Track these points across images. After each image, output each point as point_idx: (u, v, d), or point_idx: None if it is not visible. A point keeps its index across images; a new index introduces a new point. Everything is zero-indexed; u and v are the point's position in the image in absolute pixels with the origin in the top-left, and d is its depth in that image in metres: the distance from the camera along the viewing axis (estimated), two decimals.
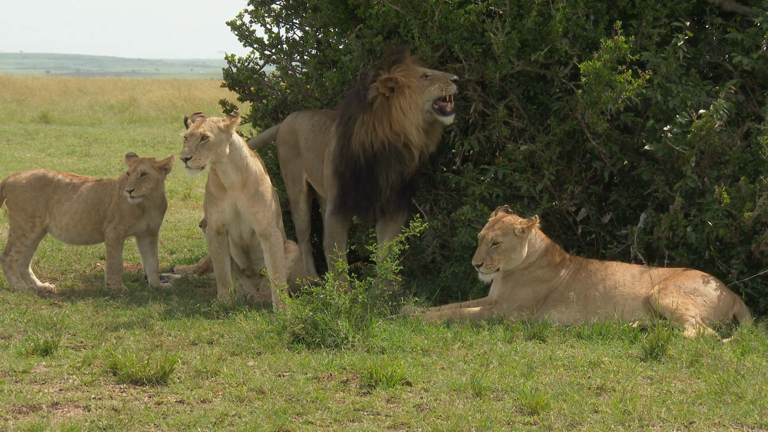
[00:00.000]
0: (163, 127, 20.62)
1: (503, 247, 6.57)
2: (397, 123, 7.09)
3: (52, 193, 7.41)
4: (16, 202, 7.39)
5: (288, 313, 5.96)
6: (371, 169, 7.19)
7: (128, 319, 6.44)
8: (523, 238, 6.60)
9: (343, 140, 7.23)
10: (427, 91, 7.11)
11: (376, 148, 7.15)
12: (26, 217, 7.38)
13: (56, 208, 7.40)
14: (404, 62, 7.10)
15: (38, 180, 7.44)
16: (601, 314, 6.47)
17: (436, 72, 7.19)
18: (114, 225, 7.40)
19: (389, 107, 7.09)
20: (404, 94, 7.07)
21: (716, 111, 6.80)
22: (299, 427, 4.63)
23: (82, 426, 4.56)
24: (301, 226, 7.91)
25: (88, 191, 7.46)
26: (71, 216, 7.41)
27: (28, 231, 7.39)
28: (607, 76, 6.81)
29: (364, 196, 7.25)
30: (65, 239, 7.54)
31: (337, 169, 7.31)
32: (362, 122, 7.14)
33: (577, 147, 7.41)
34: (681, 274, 6.58)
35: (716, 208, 6.74)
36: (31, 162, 14.86)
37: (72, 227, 7.43)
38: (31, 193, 7.39)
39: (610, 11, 7.32)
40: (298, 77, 8.19)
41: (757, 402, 4.96)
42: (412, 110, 7.09)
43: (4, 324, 6.27)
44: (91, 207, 7.43)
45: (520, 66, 7.21)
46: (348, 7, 7.85)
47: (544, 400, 4.86)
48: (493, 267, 6.57)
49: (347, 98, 7.40)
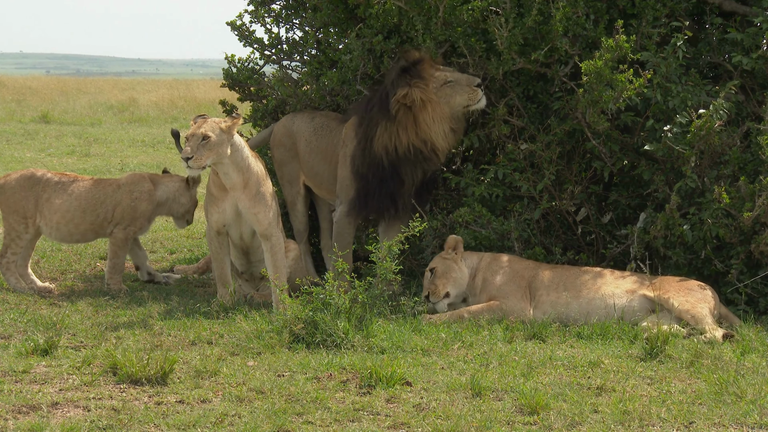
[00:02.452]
0: (163, 127, 20.60)
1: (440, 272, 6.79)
2: (423, 133, 7.10)
3: (41, 192, 7.35)
4: (8, 204, 7.35)
5: (288, 313, 5.97)
6: (395, 170, 7.18)
7: (128, 319, 6.44)
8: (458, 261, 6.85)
9: (365, 143, 7.21)
10: (454, 99, 7.09)
11: (400, 152, 7.14)
12: (19, 218, 7.33)
13: (46, 207, 7.34)
14: (422, 75, 7.05)
15: (27, 180, 7.39)
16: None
17: (457, 75, 7.13)
18: (124, 227, 7.39)
19: (414, 118, 7.08)
20: (426, 110, 7.06)
21: (716, 111, 6.80)
22: (299, 427, 4.63)
23: (82, 426, 4.56)
24: (299, 227, 7.91)
25: (83, 190, 7.41)
26: (62, 214, 7.34)
27: (22, 232, 7.35)
28: (608, 76, 6.81)
29: (387, 195, 7.23)
30: (56, 237, 7.49)
31: (358, 170, 7.27)
32: (385, 127, 7.13)
33: (577, 147, 7.41)
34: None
35: (715, 207, 6.74)
36: (31, 162, 14.87)
37: (63, 225, 7.36)
38: (21, 193, 7.34)
39: (609, 11, 7.32)
40: (297, 77, 8.19)
41: (757, 402, 4.97)
42: (436, 122, 7.10)
43: (4, 324, 6.27)
44: (87, 206, 7.38)
45: (521, 63, 7.21)
46: (348, 7, 7.85)
47: (544, 400, 4.86)
48: (439, 294, 6.73)
49: (364, 102, 7.36)
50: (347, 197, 7.38)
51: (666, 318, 6.41)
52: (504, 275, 6.74)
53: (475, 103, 7.11)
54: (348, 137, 7.40)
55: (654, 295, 6.45)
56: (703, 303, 6.39)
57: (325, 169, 7.61)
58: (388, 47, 7.58)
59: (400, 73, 7.09)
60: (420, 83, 7.05)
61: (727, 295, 6.86)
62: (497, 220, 7.22)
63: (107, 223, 7.44)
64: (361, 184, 7.28)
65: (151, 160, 15.54)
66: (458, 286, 6.79)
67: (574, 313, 6.53)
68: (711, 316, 6.33)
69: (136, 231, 7.48)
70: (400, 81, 7.06)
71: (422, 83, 7.05)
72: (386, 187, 7.21)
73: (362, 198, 7.28)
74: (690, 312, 6.31)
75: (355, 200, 7.32)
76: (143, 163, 15.01)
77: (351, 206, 7.34)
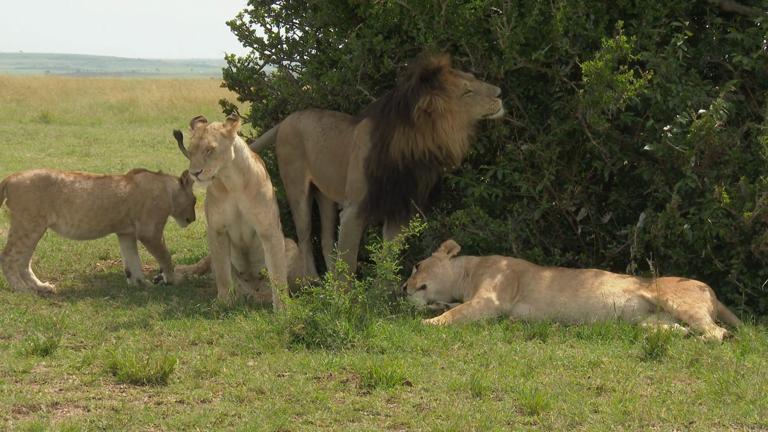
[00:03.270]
0: (163, 127, 20.61)
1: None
2: (440, 140, 7.13)
3: (57, 193, 7.43)
4: (19, 202, 7.39)
5: (288, 313, 5.97)
6: (410, 173, 7.21)
7: (128, 319, 6.44)
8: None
9: (381, 146, 7.21)
10: (474, 109, 7.13)
11: (416, 156, 7.16)
12: (29, 217, 7.37)
13: (65, 207, 7.44)
14: (444, 86, 7.05)
15: (42, 180, 7.45)
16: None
17: (477, 85, 7.14)
18: (155, 223, 7.60)
19: (432, 124, 7.10)
20: (446, 119, 7.09)
21: (716, 111, 6.80)
22: (299, 427, 4.63)
23: (81, 426, 4.56)
24: (301, 226, 7.91)
25: (99, 188, 7.54)
26: (85, 212, 7.48)
27: (30, 231, 7.39)
28: (609, 76, 6.81)
29: (400, 198, 7.25)
30: (75, 236, 7.61)
31: (373, 173, 7.28)
32: (402, 132, 7.14)
33: (577, 147, 7.41)
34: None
35: (715, 207, 6.74)
36: (31, 162, 14.87)
37: (85, 223, 7.51)
38: (36, 193, 7.40)
39: (610, 11, 7.32)
40: (298, 77, 8.19)
41: (757, 402, 4.96)
42: (455, 131, 7.13)
43: (4, 324, 6.27)
44: (108, 204, 7.53)
45: (522, 63, 7.21)
46: (348, 7, 7.85)
47: (544, 400, 4.86)
48: (415, 285, 6.90)
49: (380, 106, 7.35)
50: (357, 199, 7.37)
51: (666, 318, 6.41)
52: (488, 272, 6.76)
53: (494, 113, 7.18)
54: (361, 140, 7.39)
55: (652, 296, 6.45)
56: (701, 303, 6.38)
57: (334, 169, 7.60)
58: (388, 47, 7.58)
59: (420, 81, 7.10)
60: (442, 94, 7.07)
61: (727, 295, 6.86)
62: (495, 221, 7.22)
63: (127, 220, 7.61)
64: (374, 186, 7.28)
65: (151, 160, 15.54)
66: (438, 282, 6.85)
67: (572, 312, 6.52)
68: (709, 316, 6.32)
69: (163, 224, 7.70)
70: (421, 89, 7.07)
71: (444, 94, 7.07)
72: (399, 190, 7.24)
73: (374, 200, 7.29)
74: (688, 312, 6.31)
75: (366, 202, 7.32)
76: (143, 163, 15.00)
77: (361, 208, 7.34)
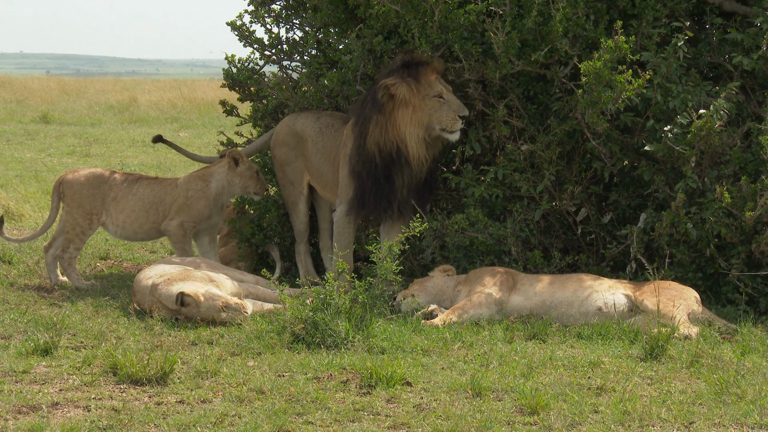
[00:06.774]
0: (163, 127, 20.59)
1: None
2: (396, 130, 7.02)
3: (108, 191, 7.59)
4: (75, 198, 7.58)
5: (288, 313, 5.97)
6: (388, 170, 7.16)
7: (128, 319, 6.44)
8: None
9: (360, 140, 7.19)
10: (436, 115, 7.01)
11: (387, 150, 7.12)
12: (84, 214, 7.56)
13: (113, 206, 7.58)
14: (419, 78, 7.01)
15: (96, 178, 7.63)
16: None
17: (451, 98, 7.05)
18: (181, 221, 7.54)
19: (391, 111, 7.05)
20: (406, 109, 7.00)
21: (716, 111, 6.80)
22: (299, 427, 4.63)
23: (82, 426, 4.56)
24: (300, 228, 7.90)
25: (144, 190, 7.62)
26: (128, 214, 7.59)
27: (86, 228, 7.59)
28: (608, 76, 6.81)
29: (383, 196, 7.22)
30: (121, 236, 7.72)
31: (354, 169, 7.26)
32: (376, 122, 7.09)
33: (577, 147, 7.41)
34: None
35: (717, 207, 6.75)
36: (30, 162, 14.87)
37: (129, 225, 7.61)
38: (90, 190, 7.59)
39: (610, 11, 7.32)
40: (297, 78, 8.19)
41: (757, 402, 4.97)
42: (411, 126, 7.02)
43: (4, 324, 6.28)
44: (149, 206, 7.60)
45: (520, 66, 7.21)
46: (348, 7, 7.85)
47: (544, 401, 4.86)
48: (405, 295, 6.88)
49: (362, 98, 7.35)
50: (347, 197, 7.37)
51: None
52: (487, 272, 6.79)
53: (449, 130, 7.03)
54: (348, 137, 7.40)
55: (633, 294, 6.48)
56: (680, 300, 6.38)
57: (329, 170, 7.60)
58: (388, 48, 7.58)
59: (400, 65, 7.09)
60: (412, 83, 7.00)
61: (728, 295, 6.86)
62: (494, 225, 7.21)
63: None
64: (357, 183, 7.27)
65: (151, 160, 15.54)
66: (427, 294, 6.87)
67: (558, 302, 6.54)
68: (684, 314, 6.31)
69: (195, 226, 7.65)
70: (396, 72, 7.06)
71: (414, 85, 7.00)
72: (381, 188, 7.20)
73: (360, 198, 7.27)
74: (662, 311, 6.29)
75: (353, 200, 7.31)
76: (143, 163, 15.01)
77: (350, 206, 7.33)
